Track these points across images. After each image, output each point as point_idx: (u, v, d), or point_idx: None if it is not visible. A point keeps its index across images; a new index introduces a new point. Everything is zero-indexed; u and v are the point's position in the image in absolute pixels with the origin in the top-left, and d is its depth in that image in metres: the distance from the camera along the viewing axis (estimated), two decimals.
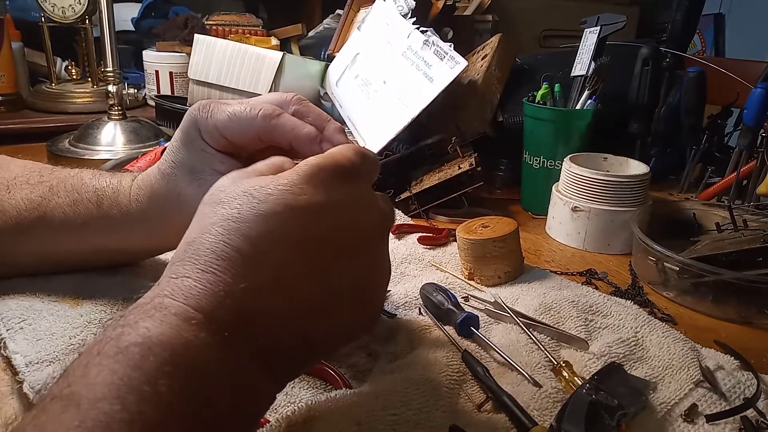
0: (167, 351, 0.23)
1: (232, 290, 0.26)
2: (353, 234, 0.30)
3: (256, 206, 0.27)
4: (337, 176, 0.29)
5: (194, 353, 0.24)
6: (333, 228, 0.29)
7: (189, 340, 0.24)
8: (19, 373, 0.38)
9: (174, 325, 0.24)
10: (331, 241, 0.29)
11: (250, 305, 0.26)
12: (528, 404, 0.37)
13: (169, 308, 0.25)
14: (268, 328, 0.27)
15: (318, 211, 0.28)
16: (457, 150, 0.73)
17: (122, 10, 1.34)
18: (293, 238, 0.27)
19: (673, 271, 0.54)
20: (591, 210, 0.65)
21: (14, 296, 0.45)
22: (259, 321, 0.26)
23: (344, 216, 0.29)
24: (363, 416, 0.33)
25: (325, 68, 1.01)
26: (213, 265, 0.26)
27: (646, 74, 0.82)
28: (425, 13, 0.92)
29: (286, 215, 0.27)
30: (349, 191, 0.30)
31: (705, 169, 0.85)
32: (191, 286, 0.26)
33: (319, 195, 0.28)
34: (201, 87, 0.95)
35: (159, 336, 0.23)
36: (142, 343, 0.23)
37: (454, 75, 0.72)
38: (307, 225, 0.28)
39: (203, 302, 0.25)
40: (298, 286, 0.28)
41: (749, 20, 2.03)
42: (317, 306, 0.29)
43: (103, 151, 0.89)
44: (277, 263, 0.27)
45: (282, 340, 0.27)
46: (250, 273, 0.26)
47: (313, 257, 0.28)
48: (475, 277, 0.56)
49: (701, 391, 0.40)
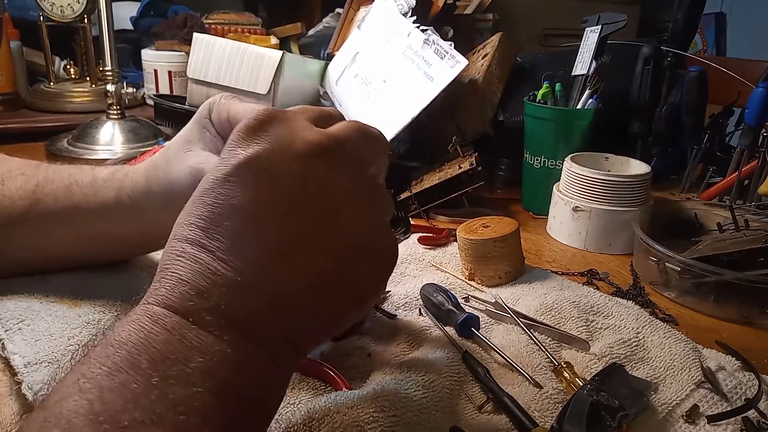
0: (128, 344, 0.24)
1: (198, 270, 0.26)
2: (283, 179, 0.28)
3: (213, 176, 0.28)
4: (263, 125, 0.29)
5: (159, 341, 0.24)
6: (266, 183, 0.27)
7: (151, 331, 0.24)
8: (17, 373, 0.38)
9: (137, 322, 0.24)
10: (270, 197, 0.27)
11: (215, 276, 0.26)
12: (529, 405, 0.37)
13: (136, 310, 0.25)
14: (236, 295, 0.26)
15: (253, 162, 0.27)
16: (458, 149, 0.73)
17: (121, 8, 1.33)
18: (244, 197, 0.27)
19: (675, 271, 0.54)
20: (592, 210, 0.64)
21: (12, 297, 0.45)
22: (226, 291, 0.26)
23: (268, 166, 0.28)
24: (363, 417, 0.33)
25: (325, 67, 1.00)
26: (179, 255, 0.26)
27: (647, 73, 0.82)
28: (425, 11, 0.92)
29: (230, 178, 0.27)
30: (266, 140, 0.28)
31: (706, 168, 0.85)
32: (157, 287, 0.26)
33: (248, 148, 0.28)
34: (200, 86, 0.95)
35: (121, 333, 0.24)
36: (104, 342, 0.24)
37: (455, 74, 0.72)
38: (250, 179, 0.27)
39: (168, 295, 0.25)
40: (256, 243, 0.27)
41: (750, 19, 2.03)
42: (275, 260, 0.27)
43: (101, 150, 0.89)
44: (233, 224, 0.27)
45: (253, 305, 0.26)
46: (212, 244, 0.26)
47: (263, 222, 0.27)
48: (476, 278, 0.55)
49: (702, 392, 0.40)
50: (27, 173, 0.46)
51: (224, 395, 0.24)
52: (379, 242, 0.31)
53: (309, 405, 0.34)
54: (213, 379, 0.24)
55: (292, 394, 0.38)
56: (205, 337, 0.25)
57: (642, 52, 0.82)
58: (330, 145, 0.29)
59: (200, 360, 0.24)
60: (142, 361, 0.23)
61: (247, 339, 0.26)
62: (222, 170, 0.27)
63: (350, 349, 0.44)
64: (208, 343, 0.24)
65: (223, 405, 0.24)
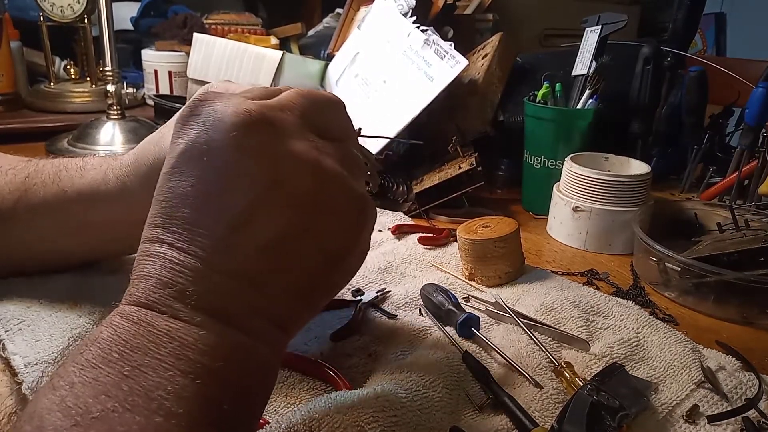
0: (99, 341, 0.24)
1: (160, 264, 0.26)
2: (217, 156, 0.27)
3: (162, 172, 0.28)
4: (194, 110, 0.29)
5: (128, 333, 0.24)
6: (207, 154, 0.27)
7: (120, 326, 0.24)
8: (18, 374, 0.38)
9: (108, 322, 0.25)
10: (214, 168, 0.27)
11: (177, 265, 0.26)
12: (529, 405, 0.37)
13: (110, 314, 0.26)
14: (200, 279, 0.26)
15: (190, 148, 0.28)
16: (458, 149, 0.73)
17: (121, 9, 1.33)
18: (189, 184, 0.27)
19: (675, 271, 0.54)
20: (592, 210, 0.64)
21: (13, 298, 0.45)
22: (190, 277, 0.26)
23: (209, 137, 0.27)
24: (363, 417, 0.33)
25: (325, 67, 1.00)
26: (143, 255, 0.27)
27: (647, 74, 0.82)
28: (425, 12, 0.92)
29: (175, 170, 0.28)
30: (205, 115, 0.28)
31: (706, 168, 0.85)
32: (127, 290, 0.27)
33: (184, 135, 0.28)
34: (200, 86, 0.94)
35: (94, 334, 0.25)
36: (79, 344, 0.25)
37: (455, 74, 0.72)
38: (191, 165, 0.27)
39: (136, 293, 0.26)
40: (208, 225, 0.27)
41: (750, 19, 2.02)
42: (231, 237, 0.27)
43: (101, 150, 0.89)
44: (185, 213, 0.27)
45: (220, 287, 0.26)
46: (170, 237, 0.27)
47: (207, 191, 0.27)
48: (476, 278, 0.55)
49: (703, 392, 0.40)
50: (18, 167, 0.46)
51: (202, 377, 0.24)
52: (339, 196, 0.30)
53: (309, 405, 0.34)
54: (186, 362, 0.24)
55: (292, 394, 0.38)
56: (174, 323, 0.25)
57: (642, 52, 0.82)
58: (264, 112, 0.28)
59: (171, 345, 0.24)
60: (112, 355, 0.23)
61: (220, 319, 0.26)
62: (168, 163, 0.28)
63: (350, 349, 0.44)
64: (177, 328, 0.25)
65: (201, 387, 0.24)
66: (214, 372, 0.25)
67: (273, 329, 0.28)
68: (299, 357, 0.41)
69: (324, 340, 0.45)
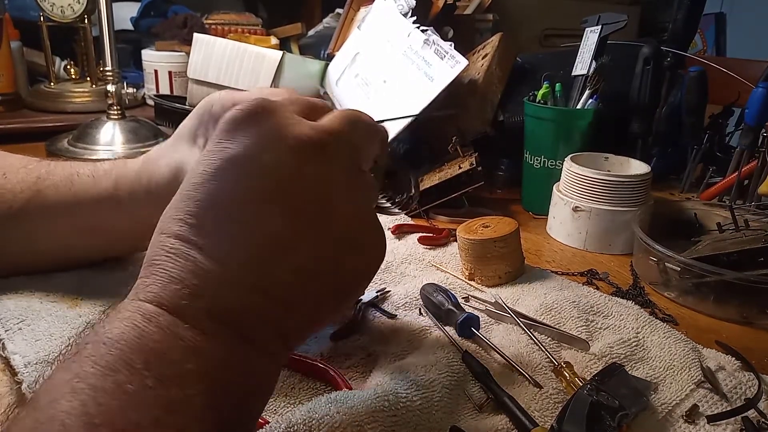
0: (121, 342, 0.23)
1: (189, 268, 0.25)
2: (270, 173, 0.27)
3: (201, 170, 0.27)
4: (245, 122, 0.28)
5: (153, 340, 0.23)
6: (252, 175, 0.27)
7: (145, 330, 0.23)
8: (18, 373, 0.38)
9: (130, 320, 0.24)
10: (256, 190, 0.27)
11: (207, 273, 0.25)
12: (529, 405, 0.37)
13: (126, 306, 0.25)
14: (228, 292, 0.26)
15: (236, 162, 0.27)
16: (458, 149, 0.73)
17: (121, 9, 1.33)
18: (233, 192, 0.26)
19: (675, 271, 0.54)
20: (592, 210, 0.64)
21: (12, 297, 0.45)
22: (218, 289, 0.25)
23: (258, 158, 0.27)
24: (363, 417, 0.33)
25: (325, 67, 1.00)
26: (168, 251, 0.26)
27: (647, 74, 0.82)
28: (425, 12, 0.92)
29: (218, 173, 0.27)
30: (257, 132, 0.27)
31: (706, 168, 0.85)
32: (147, 283, 0.25)
33: (232, 147, 0.27)
34: (200, 86, 0.95)
35: (113, 330, 0.23)
36: (96, 339, 0.23)
37: (455, 74, 0.72)
38: (229, 182, 0.27)
39: (160, 293, 0.25)
40: (246, 238, 0.26)
41: (750, 19, 2.03)
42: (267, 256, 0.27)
43: (101, 150, 0.89)
44: (223, 220, 0.26)
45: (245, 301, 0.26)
46: (201, 241, 0.26)
47: (246, 212, 0.26)
48: (476, 278, 0.55)
49: (702, 392, 0.40)
50: (29, 167, 0.47)
51: (218, 396, 0.24)
52: (368, 234, 0.31)
53: (309, 405, 0.34)
54: (208, 380, 0.24)
55: (292, 394, 0.38)
56: (199, 336, 0.24)
57: (642, 52, 0.82)
58: (321, 138, 0.28)
59: (195, 361, 0.23)
60: (136, 361, 0.22)
61: (240, 337, 0.25)
62: (211, 164, 0.27)
63: (350, 349, 0.44)
64: (201, 342, 0.24)
65: (216, 405, 0.24)
66: (230, 389, 0.24)
67: (283, 346, 0.28)
68: (299, 357, 0.41)
69: (324, 340, 0.45)
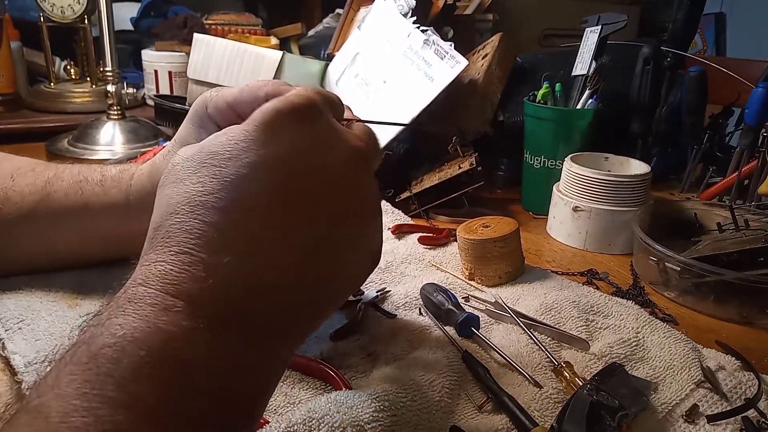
0: (143, 349, 0.21)
1: (212, 268, 0.24)
2: (323, 176, 0.27)
3: (218, 174, 0.25)
4: (296, 118, 0.27)
5: (176, 346, 0.22)
6: (301, 175, 0.26)
7: (169, 332, 0.22)
8: (18, 373, 0.38)
9: (150, 318, 0.22)
10: (303, 190, 0.26)
11: (233, 280, 0.24)
12: (529, 405, 0.37)
13: (144, 299, 0.23)
14: (254, 301, 0.25)
15: (285, 160, 0.26)
16: (458, 149, 0.73)
17: (121, 9, 1.33)
18: (264, 198, 0.25)
19: (675, 271, 0.54)
20: (592, 210, 0.64)
21: (12, 297, 0.45)
22: (244, 295, 0.24)
23: (311, 160, 0.27)
24: (363, 417, 0.33)
25: (325, 68, 1.00)
26: (187, 244, 0.24)
27: (647, 74, 0.82)
28: (425, 12, 0.92)
29: (251, 176, 0.25)
30: (312, 132, 0.27)
31: (706, 168, 0.85)
32: (167, 270, 0.23)
33: (282, 143, 0.26)
34: (200, 86, 0.95)
35: (133, 333, 0.21)
36: (115, 344, 0.21)
37: (455, 74, 0.72)
38: (275, 179, 0.25)
39: (183, 286, 0.23)
40: (277, 248, 0.25)
41: (750, 19, 2.02)
42: (300, 265, 0.26)
43: (102, 150, 0.89)
44: (253, 229, 0.25)
45: (269, 311, 0.25)
46: (227, 245, 0.24)
47: (287, 213, 0.26)
48: (476, 278, 0.55)
49: (702, 392, 0.40)
50: (37, 170, 0.47)
51: (221, 399, 0.23)
52: (372, 240, 0.32)
53: (309, 404, 0.34)
54: (212, 383, 0.23)
55: (292, 394, 0.38)
56: (219, 348, 0.23)
57: (642, 52, 0.82)
58: (368, 152, 0.30)
59: (208, 368, 0.23)
60: (161, 373, 0.21)
61: (246, 343, 0.25)
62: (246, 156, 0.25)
63: (350, 349, 0.44)
64: (204, 346, 0.23)
65: (219, 408, 0.23)
66: (228, 388, 0.24)
67: (284, 346, 0.28)
68: (299, 357, 0.41)
69: (324, 339, 0.45)
